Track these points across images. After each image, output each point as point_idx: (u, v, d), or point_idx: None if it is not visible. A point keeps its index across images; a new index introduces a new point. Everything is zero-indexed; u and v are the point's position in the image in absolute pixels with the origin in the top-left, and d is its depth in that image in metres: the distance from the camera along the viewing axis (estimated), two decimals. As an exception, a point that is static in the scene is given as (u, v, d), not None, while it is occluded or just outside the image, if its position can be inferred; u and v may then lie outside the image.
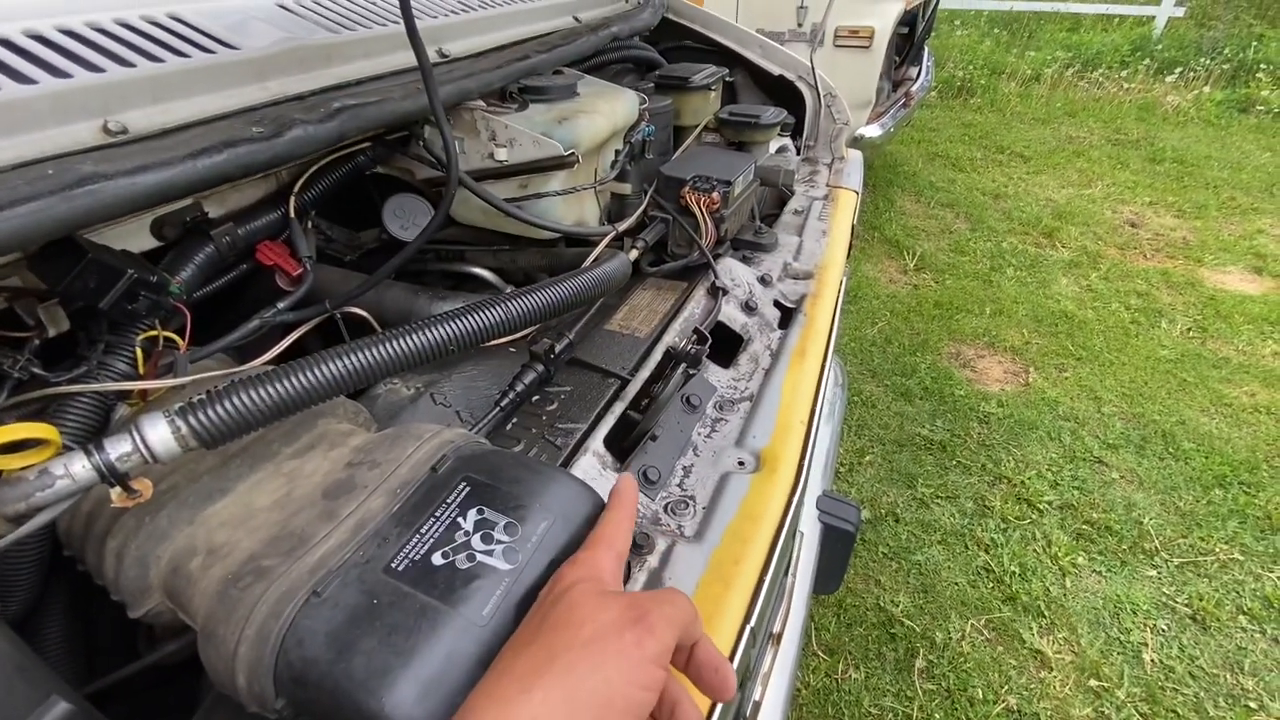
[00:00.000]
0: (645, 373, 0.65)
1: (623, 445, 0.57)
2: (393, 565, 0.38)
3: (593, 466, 0.53)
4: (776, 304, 0.80)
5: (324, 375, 0.43)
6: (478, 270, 0.81)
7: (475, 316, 0.48)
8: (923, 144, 4.63)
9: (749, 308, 0.77)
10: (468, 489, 0.42)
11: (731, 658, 0.43)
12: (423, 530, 0.40)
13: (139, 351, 0.49)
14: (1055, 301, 2.92)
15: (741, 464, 0.58)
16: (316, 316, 0.60)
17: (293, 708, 0.34)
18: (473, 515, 0.41)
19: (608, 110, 0.72)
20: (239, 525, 0.42)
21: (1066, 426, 2.26)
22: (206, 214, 0.59)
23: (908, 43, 3.41)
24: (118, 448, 0.37)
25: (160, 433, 0.37)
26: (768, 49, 1.17)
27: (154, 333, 0.51)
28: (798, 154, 1.16)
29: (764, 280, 0.82)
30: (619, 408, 0.60)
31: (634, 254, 0.74)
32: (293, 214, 0.63)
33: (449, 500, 0.42)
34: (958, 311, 2.85)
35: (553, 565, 0.39)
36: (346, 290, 0.63)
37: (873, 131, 2.91)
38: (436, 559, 0.38)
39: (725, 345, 0.74)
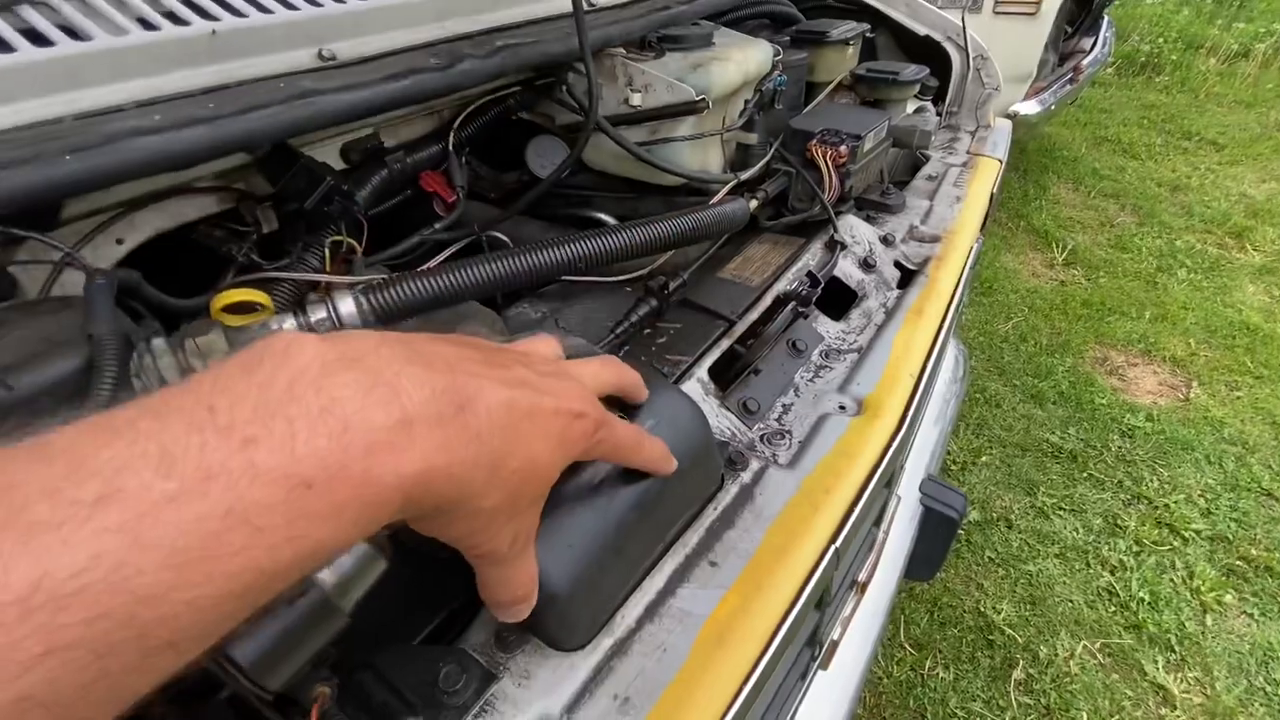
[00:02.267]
0: (753, 316, 0.67)
1: (726, 376, 0.60)
2: (519, 436, 0.43)
3: (695, 390, 0.56)
4: (897, 265, 0.79)
5: (473, 276, 0.49)
6: (601, 215, 0.86)
7: (605, 238, 0.53)
8: (1089, 126, 4.14)
9: (867, 265, 0.76)
10: (586, 386, 0.47)
11: (811, 575, 0.45)
12: (546, 413, 0.45)
13: (327, 251, 0.59)
14: (1235, 311, 2.54)
15: (843, 408, 0.59)
16: (466, 238, 0.68)
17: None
18: (589, 407, 0.46)
19: (740, 59, 0.73)
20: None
21: (1232, 451, 1.98)
22: (382, 143, 0.68)
23: (1084, 10, 3.05)
24: (316, 314, 0.45)
25: (349, 306, 0.45)
26: (915, 7, 1.11)
27: (339, 237, 0.60)
28: (938, 119, 1.11)
29: (886, 240, 0.81)
30: (725, 343, 0.62)
31: (753, 204, 0.75)
32: (451, 148, 0.71)
33: (569, 393, 0.47)
34: (1110, 313, 2.56)
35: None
36: (489, 218, 0.70)
37: (1029, 109, 2.65)
38: (556, 437, 0.43)
39: (838, 300, 0.74)
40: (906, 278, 0.77)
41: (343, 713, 0.34)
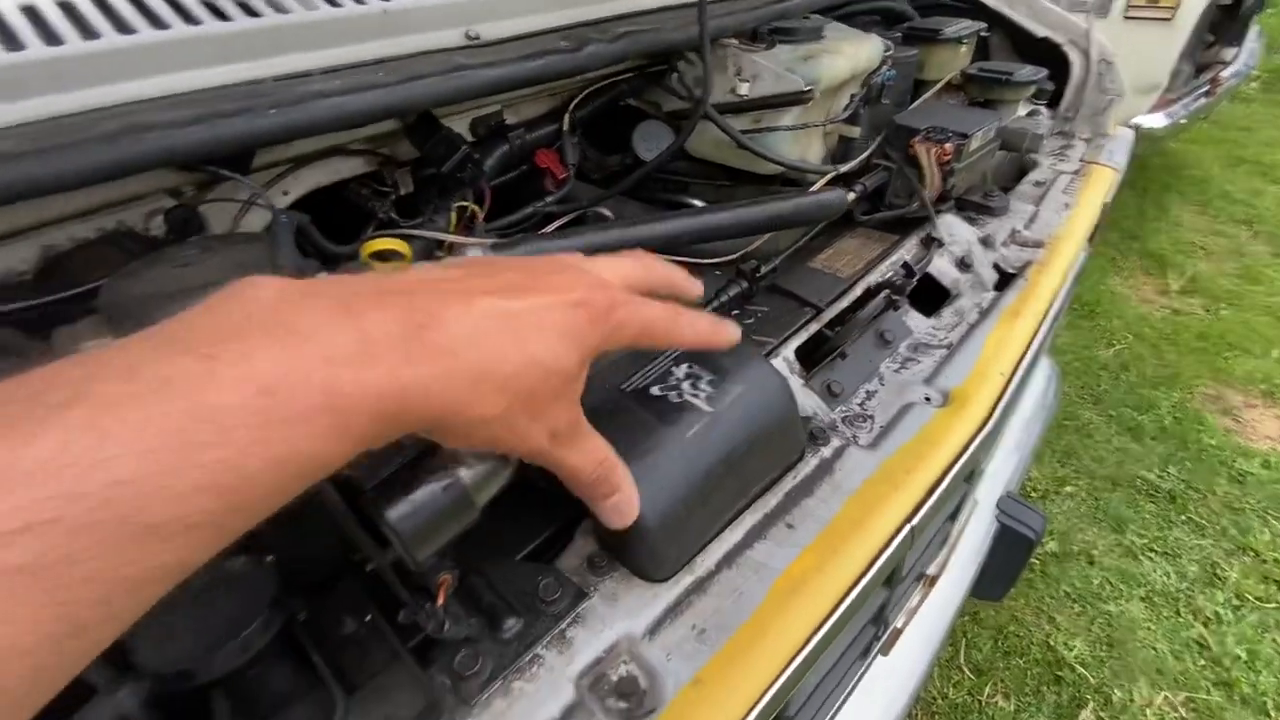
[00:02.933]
0: (841, 305, 0.68)
1: (812, 359, 0.62)
2: (622, 388, 0.47)
3: (781, 367, 0.59)
4: (996, 267, 0.77)
5: (585, 242, 0.54)
6: (697, 203, 0.89)
7: (707, 215, 0.56)
8: (1225, 144, 3.78)
9: (963, 264, 0.76)
10: (681, 350, 0.51)
11: (884, 549, 0.47)
12: (646, 370, 0.49)
13: (454, 214, 0.65)
14: (1382, 358, 2.28)
15: (928, 399, 0.60)
16: (574, 211, 0.73)
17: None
18: (684, 367, 0.49)
19: (850, 52, 0.75)
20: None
21: (1360, 511, 1.79)
22: (505, 120, 0.74)
23: (1229, 18, 2.79)
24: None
25: (482, 255, 0.51)
26: (1036, 8, 1.08)
27: (465, 203, 0.66)
28: (1051, 123, 1.07)
29: (986, 242, 0.80)
30: (813, 327, 0.64)
31: (850, 197, 0.76)
32: (565, 128, 0.76)
33: (667, 353, 0.50)
34: (1230, 348, 2.35)
35: (743, 419, 0.47)
36: (594, 196, 0.75)
37: (1155, 122, 2.46)
38: (654, 390, 0.47)
39: (930, 298, 0.74)
40: (1004, 281, 0.76)
41: (459, 605, 0.39)
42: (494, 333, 0.27)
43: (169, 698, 0.34)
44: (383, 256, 0.53)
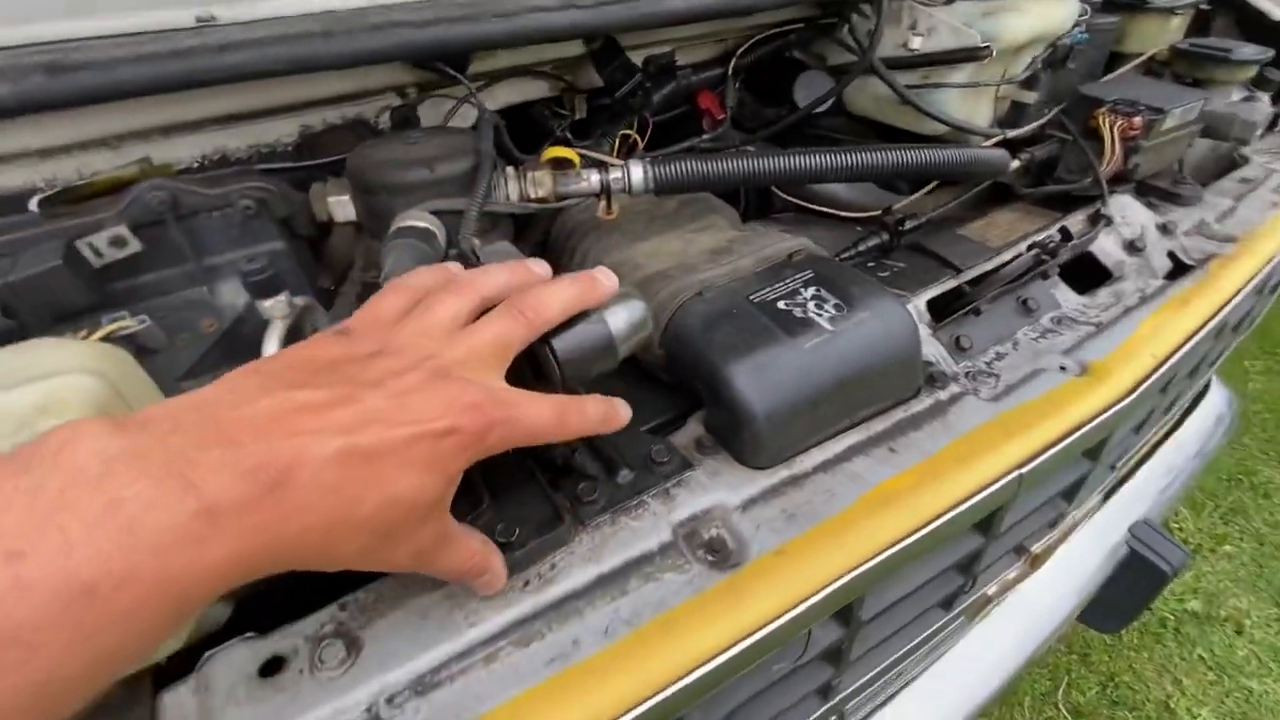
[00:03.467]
0: (984, 268, 0.67)
1: (944, 312, 0.62)
2: (750, 297, 0.51)
3: (910, 312, 0.59)
4: (1171, 256, 0.71)
5: (737, 166, 0.58)
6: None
7: (858, 153, 0.58)
8: None
9: (1133, 248, 0.71)
10: (812, 274, 0.54)
11: (985, 489, 0.47)
12: (775, 285, 0.52)
13: (618, 140, 0.72)
14: None
15: (1064, 369, 0.58)
16: (727, 148, 0.77)
17: (666, 355, 0.51)
18: (812, 289, 0.52)
19: (1039, 12, 0.71)
20: (653, 255, 0.60)
21: None
22: (676, 60, 0.79)
23: None
24: (613, 174, 0.57)
25: (639, 173, 0.57)
26: (1284, -17, 0.94)
27: (629, 131, 0.72)
28: (1272, 114, 0.94)
29: (1164, 229, 0.73)
30: (950, 283, 0.64)
31: (1015, 164, 0.74)
32: (730, 72, 0.80)
33: (797, 276, 0.54)
34: None
35: (862, 345, 0.49)
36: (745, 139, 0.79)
37: None
38: (780, 304, 0.51)
39: (1087, 277, 0.70)
40: (1179, 271, 0.70)
41: (586, 452, 0.46)
42: (352, 480, 0.25)
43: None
44: (558, 164, 0.60)
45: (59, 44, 0.44)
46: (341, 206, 0.53)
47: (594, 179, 0.57)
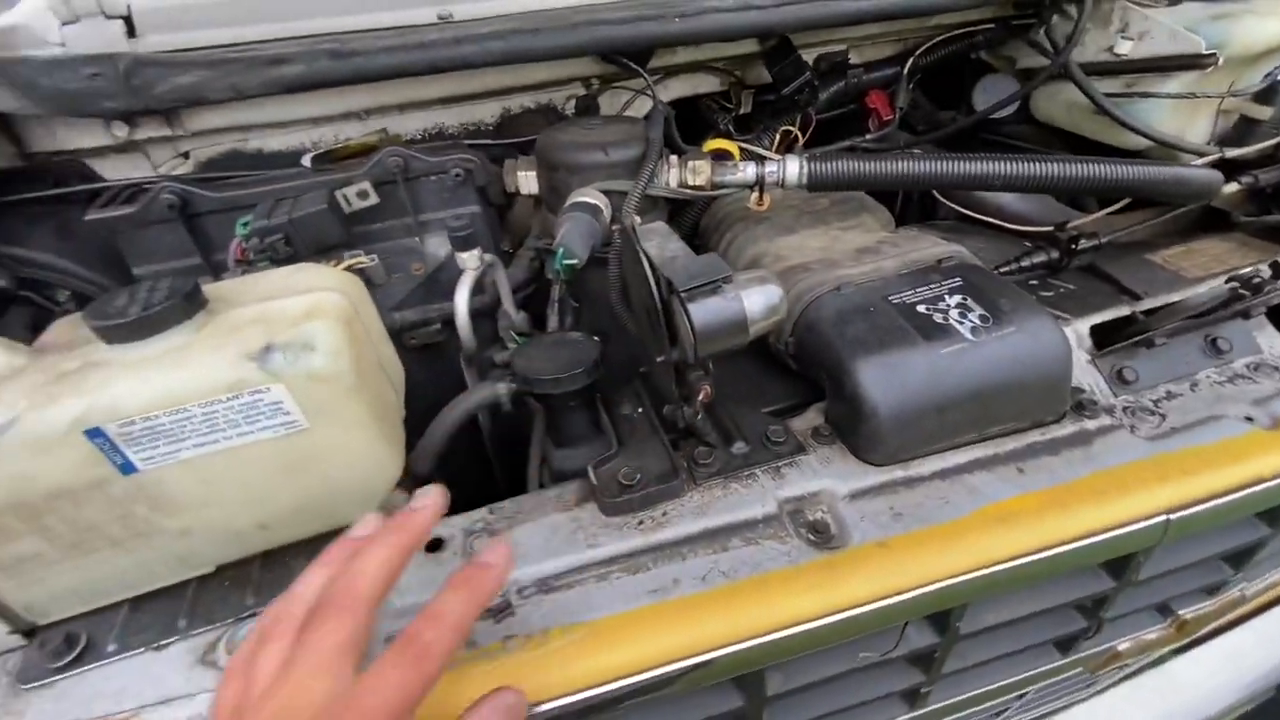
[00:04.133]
0: (1168, 298, 0.60)
1: (1110, 340, 0.58)
2: (889, 298, 0.52)
3: (1069, 335, 0.56)
4: None
5: (892, 168, 0.58)
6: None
7: (1033, 163, 0.56)
8: None
9: (1374, 296, 0.60)
10: (960, 282, 0.53)
11: (1120, 526, 0.44)
12: (917, 289, 0.53)
13: (778, 135, 0.74)
14: None
15: (1249, 419, 0.52)
16: (890, 149, 0.77)
17: (796, 344, 0.54)
18: (957, 298, 0.52)
19: (1290, 17, 0.62)
20: (797, 249, 0.62)
21: None
22: (848, 59, 0.79)
23: None
24: (768, 167, 0.60)
25: (794, 168, 0.59)
26: None
27: (790, 128, 0.74)
28: None
29: None
30: (1122, 310, 0.59)
31: (1232, 188, 0.65)
32: (905, 71, 0.78)
33: (943, 282, 0.53)
34: None
35: (1003, 360, 0.48)
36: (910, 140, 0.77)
37: None
38: (920, 308, 0.51)
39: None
40: None
41: (707, 419, 0.50)
42: None
43: (518, 403, 0.52)
44: (718, 155, 0.64)
45: (334, 35, 0.55)
46: (528, 180, 0.62)
47: (749, 171, 0.60)
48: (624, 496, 0.45)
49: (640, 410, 0.54)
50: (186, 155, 0.63)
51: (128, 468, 0.38)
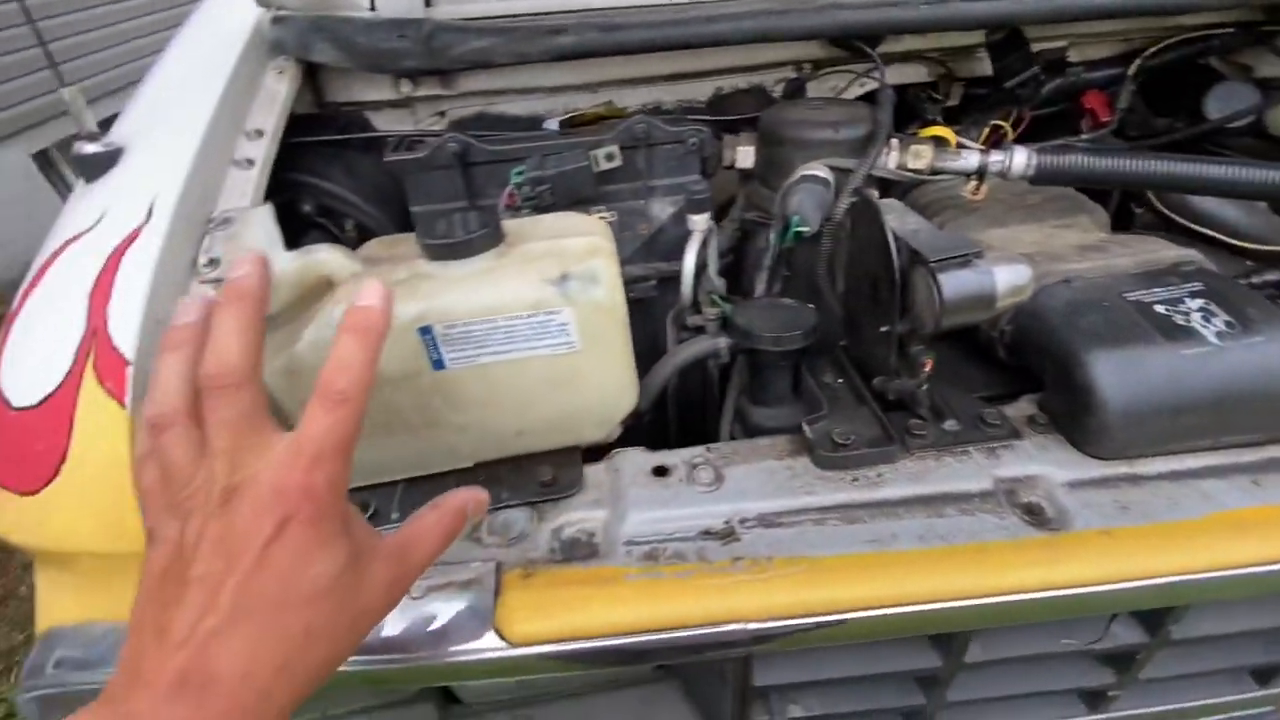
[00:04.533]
0: None
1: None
2: (1124, 294, 0.52)
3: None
4: None
5: (1116, 167, 0.57)
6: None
7: (1239, 166, 0.54)
8: None
9: None
10: (1202, 286, 0.52)
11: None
12: (1154, 289, 0.52)
13: (988, 129, 0.73)
14: None
15: None
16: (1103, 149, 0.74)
17: (1015, 332, 0.54)
18: (1199, 301, 0.50)
19: None
20: (1010, 241, 0.62)
21: None
22: (1067, 57, 0.77)
23: None
24: (993, 157, 0.60)
25: (1021, 158, 0.59)
26: None
27: (1000, 122, 0.74)
28: None
29: None
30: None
31: None
32: (1130, 73, 0.75)
33: (1183, 286, 0.52)
34: None
35: (1249, 368, 0.46)
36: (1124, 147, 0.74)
37: None
38: (1159, 308, 0.50)
39: None
40: None
41: (921, 395, 0.52)
42: (269, 625, 0.28)
43: (730, 360, 0.56)
44: (937, 141, 0.65)
45: (600, 10, 0.61)
46: (745, 155, 0.65)
47: (973, 159, 0.61)
48: (840, 453, 0.48)
49: (840, 380, 0.57)
50: (443, 114, 0.72)
51: (439, 364, 0.45)
